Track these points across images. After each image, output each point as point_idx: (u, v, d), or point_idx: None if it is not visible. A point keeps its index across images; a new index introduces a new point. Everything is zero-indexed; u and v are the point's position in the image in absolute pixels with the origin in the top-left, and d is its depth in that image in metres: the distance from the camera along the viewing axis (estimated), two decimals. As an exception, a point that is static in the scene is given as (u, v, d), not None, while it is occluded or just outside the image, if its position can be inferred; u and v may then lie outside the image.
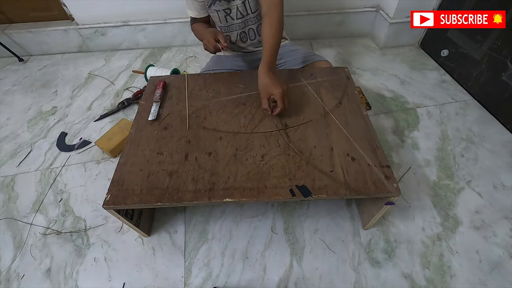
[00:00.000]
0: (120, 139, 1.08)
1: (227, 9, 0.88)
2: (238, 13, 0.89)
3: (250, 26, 0.94)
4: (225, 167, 0.68)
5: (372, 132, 0.75)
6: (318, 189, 0.63)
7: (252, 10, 0.90)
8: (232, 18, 0.91)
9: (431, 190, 0.95)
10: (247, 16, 0.91)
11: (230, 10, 0.89)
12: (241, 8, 0.88)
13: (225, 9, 0.88)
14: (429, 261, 0.80)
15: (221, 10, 0.88)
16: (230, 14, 0.90)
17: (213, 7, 0.88)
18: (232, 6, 0.88)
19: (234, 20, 0.91)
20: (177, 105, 0.84)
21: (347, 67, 0.94)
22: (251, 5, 0.88)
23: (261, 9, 0.82)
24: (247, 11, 0.89)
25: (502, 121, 1.15)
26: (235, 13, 0.89)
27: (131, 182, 0.67)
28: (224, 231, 0.88)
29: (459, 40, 1.30)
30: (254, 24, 0.93)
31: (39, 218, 0.93)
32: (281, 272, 0.79)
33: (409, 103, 1.25)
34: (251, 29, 0.95)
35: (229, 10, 0.88)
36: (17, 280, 0.81)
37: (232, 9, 0.88)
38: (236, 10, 0.89)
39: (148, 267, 0.82)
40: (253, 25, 0.94)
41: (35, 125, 1.24)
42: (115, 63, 1.56)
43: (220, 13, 0.89)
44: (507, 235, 0.84)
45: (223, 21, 0.91)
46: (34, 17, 1.56)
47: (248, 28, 0.94)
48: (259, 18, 0.93)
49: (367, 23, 1.60)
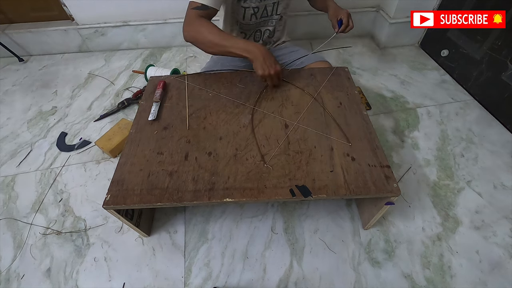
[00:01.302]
0: (120, 139, 1.08)
1: (256, 7, 0.86)
2: (264, 12, 0.88)
3: (268, 27, 0.94)
4: (225, 167, 0.68)
5: (372, 132, 0.75)
6: (318, 189, 0.63)
7: (277, 12, 0.89)
8: (256, 17, 0.89)
9: (431, 190, 0.95)
10: (271, 17, 0.90)
11: (258, 9, 0.87)
12: (270, 8, 0.87)
13: (254, 7, 0.86)
14: (429, 261, 0.80)
15: (250, 7, 0.85)
16: (256, 13, 0.88)
17: (243, 3, 0.84)
18: (261, 5, 0.86)
19: (257, 19, 0.90)
20: (177, 105, 0.84)
21: (347, 67, 0.94)
22: (279, 8, 0.88)
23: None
24: (273, 12, 0.89)
25: (502, 121, 1.15)
26: (261, 12, 0.88)
27: (131, 182, 0.67)
28: (224, 231, 0.88)
29: (459, 40, 1.30)
30: (272, 26, 0.93)
31: (39, 218, 0.93)
32: (281, 272, 0.79)
33: (409, 103, 1.25)
34: (268, 29, 0.95)
35: (258, 8, 0.87)
36: (17, 280, 0.81)
37: (261, 8, 0.87)
38: (263, 9, 0.87)
39: (148, 267, 0.82)
40: (271, 26, 0.94)
41: (35, 125, 1.24)
42: (115, 63, 1.56)
43: (248, 10, 0.86)
44: (507, 235, 0.84)
45: (246, 19, 0.89)
46: (34, 17, 1.56)
47: (265, 28, 0.94)
48: (277, 21, 0.93)
49: (367, 23, 1.60)
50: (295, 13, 1.49)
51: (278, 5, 0.88)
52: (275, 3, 0.87)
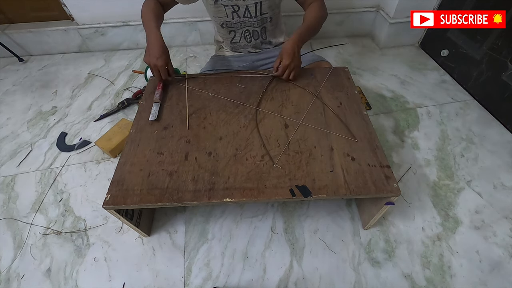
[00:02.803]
0: (120, 139, 1.08)
1: (236, 6, 0.86)
2: (246, 12, 0.88)
3: (255, 28, 0.93)
4: (225, 167, 0.68)
5: (372, 132, 0.75)
6: (318, 189, 0.63)
7: (261, 12, 0.89)
8: (238, 15, 0.89)
9: (431, 190, 0.95)
10: (254, 18, 0.90)
11: (238, 7, 0.87)
12: (252, 8, 0.87)
13: (233, 5, 0.86)
14: (429, 261, 0.80)
15: (229, 5, 0.86)
16: (237, 11, 0.88)
17: (220, 2, 0.85)
18: (242, 5, 0.86)
19: (240, 18, 0.90)
20: (177, 105, 0.84)
21: (347, 67, 0.94)
22: (263, 8, 0.87)
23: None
24: (257, 12, 0.88)
25: (502, 121, 1.15)
26: (243, 12, 0.88)
27: (131, 182, 0.67)
28: (224, 231, 0.88)
29: (459, 40, 1.30)
30: (258, 27, 0.93)
31: (39, 218, 0.93)
32: (281, 272, 0.79)
33: (409, 103, 1.25)
34: (255, 30, 0.94)
35: (237, 7, 0.87)
36: (17, 280, 0.81)
37: (241, 7, 0.87)
38: (245, 9, 0.87)
39: (148, 267, 0.82)
40: (258, 27, 0.93)
41: (35, 125, 1.25)
42: (115, 63, 1.56)
43: (227, 8, 0.87)
44: (507, 235, 0.84)
45: (229, 16, 0.89)
46: (34, 17, 1.56)
47: (252, 29, 0.94)
48: (263, 22, 0.92)
49: (367, 23, 1.60)
50: (295, 13, 1.49)
51: (261, 5, 0.87)
52: (256, 3, 0.86)
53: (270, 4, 0.88)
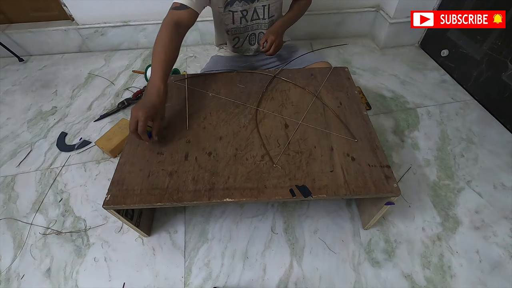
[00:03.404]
0: (120, 139, 1.08)
1: (244, 11, 0.86)
2: (254, 14, 0.87)
3: (261, 30, 0.93)
4: (225, 167, 0.68)
5: (372, 132, 0.75)
6: (318, 189, 0.63)
7: (269, 15, 0.88)
8: (246, 20, 0.88)
9: (431, 190, 0.95)
10: (263, 20, 0.89)
11: (247, 12, 0.86)
12: (260, 10, 0.86)
13: (242, 10, 0.85)
14: (429, 261, 0.80)
15: (238, 11, 0.85)
16: (246, 16, 0.87)
17: (229, 8, 0.84)
18: (250, 8, 0.85)
19: (247, 22, 0.89)
20: (177, 105, 0.84)
21: (347, 67, 0.94)
22: (271, 10, 0.87)
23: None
24: (265, 14, 0.88)
25: (502, 121, 1.15)
26: (251, 15, 0.87)
27: (131, 182, 0.67)
28: (224, 231, 0.88)
29: (459, 40, 1.30)
30: (265, 28, 0.92)
31: (39, 218, 0.93)
32: (281, 272, 0.79)
33: (409, 103, 1.25)
34: (262, 32, 0.94)
35: (246, 11, 0.86)
36: (17, 280, 0.81)
37: (249, 10, 0.86)
38: (253, 12, 0.87)
39: (148, 267, 0.82)
40: (264, 29, 0.93)
41: (35, 125, 1.24)
42: (115, 63, 1.56)
43: (236, 14, 0.86)
44: (507, 235, 0.84)
45: (236, 22, 0.88)
46: (34, 17, 1.56)
47: (259, 31, 0.94)
48: (271, 24, 0.92)
49: (367, 23, 1.60)
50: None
51: (269, 8, 0.87)
52: (265, 6, 0.85)
53: (276, 6, 0.88)
